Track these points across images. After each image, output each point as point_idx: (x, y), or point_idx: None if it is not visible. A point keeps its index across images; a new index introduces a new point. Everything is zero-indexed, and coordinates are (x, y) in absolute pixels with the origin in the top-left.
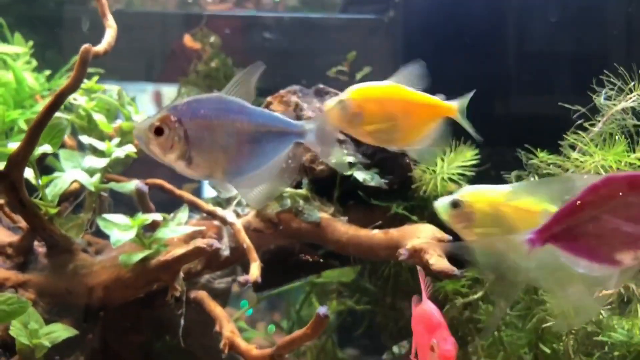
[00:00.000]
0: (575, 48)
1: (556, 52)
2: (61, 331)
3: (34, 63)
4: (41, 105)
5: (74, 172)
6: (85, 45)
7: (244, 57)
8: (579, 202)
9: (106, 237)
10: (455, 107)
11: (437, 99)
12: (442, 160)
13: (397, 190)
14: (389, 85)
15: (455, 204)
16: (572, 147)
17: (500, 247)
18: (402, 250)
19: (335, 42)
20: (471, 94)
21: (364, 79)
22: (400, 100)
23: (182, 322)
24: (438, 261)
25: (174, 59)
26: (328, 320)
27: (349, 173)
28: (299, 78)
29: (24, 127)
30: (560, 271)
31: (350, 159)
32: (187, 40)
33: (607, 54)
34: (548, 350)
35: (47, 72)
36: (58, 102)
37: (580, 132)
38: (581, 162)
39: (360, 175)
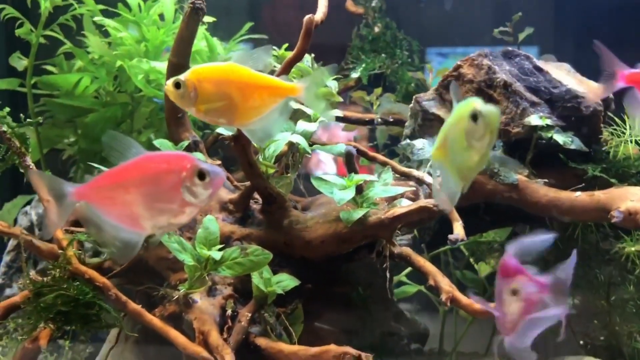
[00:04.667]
0: None
1: None
2: (288, 280)
3: None
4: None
5: (290, 135)
6: (309, 16)
7: (403, 20)
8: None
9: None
10: (299, 87)
11: (278, 80)
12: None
13: (588, 153)
14: (227, 66)
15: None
16: None
17: None
18: (616, 212)
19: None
20: (323, 75)
21: (526, 39)
22: (236, 81)
23: (388, 275)
24: None
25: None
26: None
27: (547, 135)
28: (462, 39)
29: None
30: None
31: (549, 121)
32: (349, 4)
33: None
34: None
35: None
36: (286, 71)
37: None
38: None
39: (560, 138)
